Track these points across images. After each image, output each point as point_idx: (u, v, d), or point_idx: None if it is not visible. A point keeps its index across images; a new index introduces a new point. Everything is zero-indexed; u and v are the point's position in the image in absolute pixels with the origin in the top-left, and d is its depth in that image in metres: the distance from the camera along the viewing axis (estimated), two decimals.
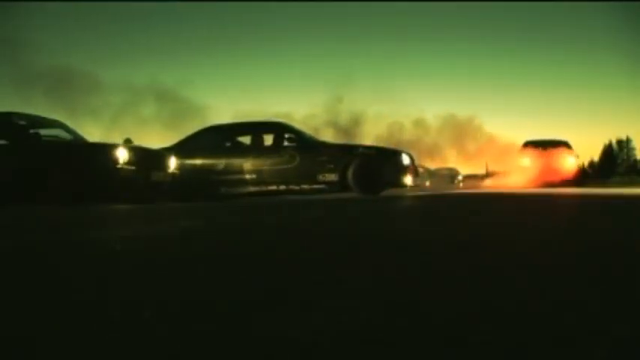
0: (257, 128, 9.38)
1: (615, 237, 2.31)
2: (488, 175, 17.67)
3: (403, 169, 8.46)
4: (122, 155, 7.13)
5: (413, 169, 8.86)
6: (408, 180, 8.49)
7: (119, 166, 7.08)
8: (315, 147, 8.75)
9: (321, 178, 8.39)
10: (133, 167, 7.25)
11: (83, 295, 1.26)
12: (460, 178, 26.53)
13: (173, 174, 8.18)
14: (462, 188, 17.51)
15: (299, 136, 8.87)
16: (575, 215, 4.15)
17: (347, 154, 8.48)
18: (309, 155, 8.54)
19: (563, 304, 1.06)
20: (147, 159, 7.63)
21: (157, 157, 7.99)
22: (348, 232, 2.81)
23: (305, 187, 8.45)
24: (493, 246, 2.05)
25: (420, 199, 7.90)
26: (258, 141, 9.09)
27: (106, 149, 7.24)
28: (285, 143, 8.77)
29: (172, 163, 8.21)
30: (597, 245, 2.02)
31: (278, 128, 9.16)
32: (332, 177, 8.35)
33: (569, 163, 14.02)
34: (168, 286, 1.35)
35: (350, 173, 8.19)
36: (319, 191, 8.44)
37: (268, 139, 9.06)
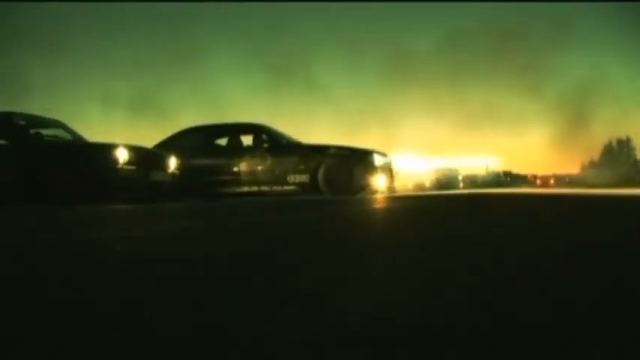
0: (236, 130, 9.43)
1: None
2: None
3: (374, 171, 8.31)
4: (122, 155, 7.14)
5: (387, 170, 8.78)
6: (380, 182, 8.37)
7: (119, 166, 7.09)
8: (287, 148, 8.72)
9: (291, 179, 8.34)
10: (133, 167, 7.26)
11: (83, 295, 1.26)
12: (460, 178, 26.37)
13: (173, 174, 8.19)
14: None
15: (272, 138, 8.84)
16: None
17: (317, 154, 8.43)
18: (281, 156, 8.52)
19: (554, 304, 1.06)
20: (146, 159, 7.65)
21: (157, 157, 8.01)
22: (348, 233, 2.82)
23: (276, 188, 8.42)
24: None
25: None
26: (236, 142, 9.14)
27: (106, 149, 7.24)
28: (264, 145, 8.80)
29: (172, 163, 8.21)
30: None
31: (256, 130, 9.15)
32: (303, 178, 8.31)
33: None
34: (168, 286, 1.35)
35: (320, 174, 8.16)
36: (290, 193, 8.39)
37: (248, 141, 9.12)
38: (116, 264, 1.80)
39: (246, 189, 8.54)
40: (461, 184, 25.48)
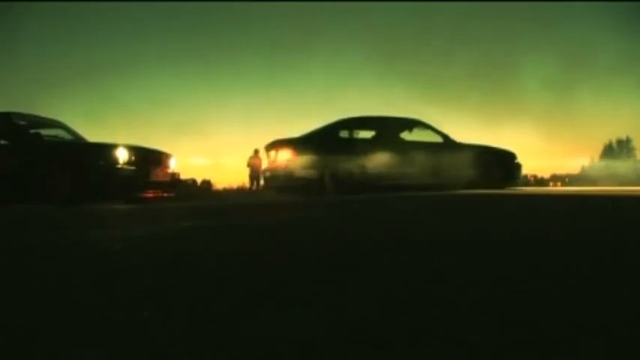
0: (401, 123, 9.71)
1: None
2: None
3: (519, 167, 9.71)
4: (122, 155, 7.12)
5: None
6: (519, 177, 10.07)
7: (119, 166, 7.08)
8: (457, 144, 9.32)
9: (466, 172, 8.99)
10: (133, 167, 7.24)
11: (83, 295, 1.25)
12: None
13: (173, 174, 8.18)
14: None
15: (442, 134, 9.34)
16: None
17: (483, 151, 9.30)
18: (456, 151, 9.13)
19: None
20: (147, 159, 7.61)
21: (157, 157, 7.97)
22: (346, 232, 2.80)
23: (454, 181, 8.93)
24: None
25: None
26: (402, 136, 9.53)
27: (107, 149, 7.22)
28: (429, 139, 9.26)
29: (172, 162, 8.21)
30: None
31: (420, 125, 9.53)
32: (473, 172, 9.03)
33: None
34: (167, 286, 1.34)
35: (487, 169, 9.05)
36: (464, 186, 8.91)
37: (408, 134, 9.60)
38: (116, 263, 1.80)
39: (431, 181, 8.90)
40: None
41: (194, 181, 19.99)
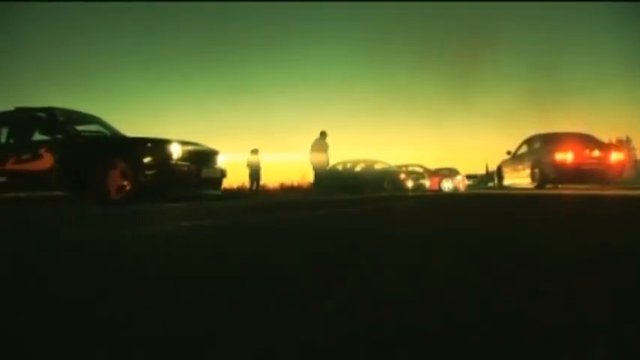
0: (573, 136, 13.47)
1: None
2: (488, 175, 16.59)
3: None
4: (176, 151, 6.84)
5: None
6: None
7: (173, 162, 6.78)
8: None
9: None
10: (187, 163, 6.95)
11: (83, 294, 1.26)
12: (460, 178, 24.71)
13: (222, 170, 7.98)
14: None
15: None
16: None
17: None
18: None
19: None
20: (197, 155, 7.34)
21: (207, 154, 7.73)
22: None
23: None
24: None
25: None
26: None
27: (160, 144, 6.90)
28: None
29: (219, 159, 7.99)
30: None
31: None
32: None
33: None
34: (169, 286, 1.34)
35: None
36: None
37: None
38: (123, 263, 1.79)
39: None
40: (461, 185, 24.11)
41: None
